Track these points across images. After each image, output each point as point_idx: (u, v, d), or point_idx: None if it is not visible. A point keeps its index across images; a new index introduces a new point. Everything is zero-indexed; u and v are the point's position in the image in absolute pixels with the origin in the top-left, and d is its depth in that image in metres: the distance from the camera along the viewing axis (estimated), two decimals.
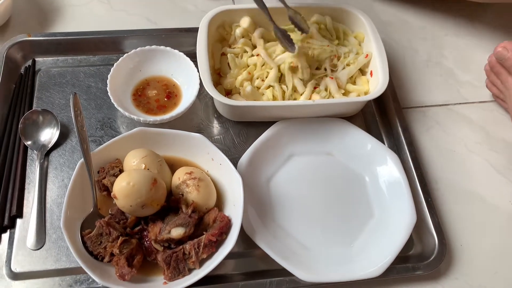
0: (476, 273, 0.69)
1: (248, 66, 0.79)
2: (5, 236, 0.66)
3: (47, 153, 0.72)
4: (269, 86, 0.76)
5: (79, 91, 0.79)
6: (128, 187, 0.58)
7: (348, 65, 0.80)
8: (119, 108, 0.71)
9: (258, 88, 0.77)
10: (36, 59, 0.82)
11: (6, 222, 0.65)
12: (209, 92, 0.70)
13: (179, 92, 0.79)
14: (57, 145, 0.73)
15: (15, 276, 0.63)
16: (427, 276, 0.68)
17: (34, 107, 0.76)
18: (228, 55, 0.77)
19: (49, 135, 0.73)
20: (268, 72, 0.77)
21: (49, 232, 0.66)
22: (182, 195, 0.64)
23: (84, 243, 0.60)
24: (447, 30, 0.97)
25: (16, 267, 0.63)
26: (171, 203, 0.64)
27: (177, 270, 0.60)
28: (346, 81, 0.79)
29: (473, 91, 0.89)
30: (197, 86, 0.75)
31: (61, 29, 0.87)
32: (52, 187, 0.70)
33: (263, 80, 0.77)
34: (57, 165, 0.72)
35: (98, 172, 0.67)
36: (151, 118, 0.73)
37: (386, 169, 0.74)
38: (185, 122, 0.78)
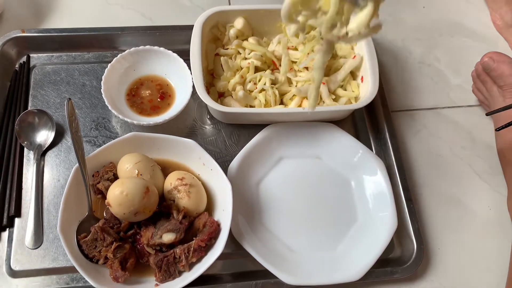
0: (451, 275, 0.74)
1: (241, 68, 0.80)
2: (5, 235, 0.69)
3: (43, 153, 0.74)
4: (262, 90, 0.78)
5: (73, 89, 0.80)
6: (121, 196, 0.61)
7: (337, 68, 0.81)
8: (113, 111, 0.73)
9: (251, 91, 0.78)
10: (31, 55, 0.82)
11: (5, 221, 0.68)
12: (202, 99, 0.72)
13: (172, 93, 0.80)
14: (52, 145, 0.75)
15: (15, 274, 0.66)
16: (404, 279, 0.72)
17: (30, 105, 0.78)
18: (221, 58, 0.78)
19: (44, 136, 0.74)
20: (261, 76, 0.78)
21: (46, 232, 0.69)
22: (174, 201, 0.67)
23: (79, 246, 0.64)
24: (441, 30, 0.97)
25: (15, 265, 0.67)
26: (162, 209, 0.66)
27: (168, 272, 0.64)
28: (337, 86, 0.80)
29: (462, 94, 0.90)
30: (190, 89, 0.76)
31: (55, 23, 0.87)
32: (48, 187, 0.72)
33: (255, 84, 0.78)
34: (53, 165, 0.74)
35: (93, 176, 0.69)
36: (144, 121, 0.74)
37: (372, 175, 0.76)
38: (179, 122, 0.79)
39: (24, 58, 0.82)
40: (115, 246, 0.62)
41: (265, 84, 0.76)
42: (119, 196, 0.61)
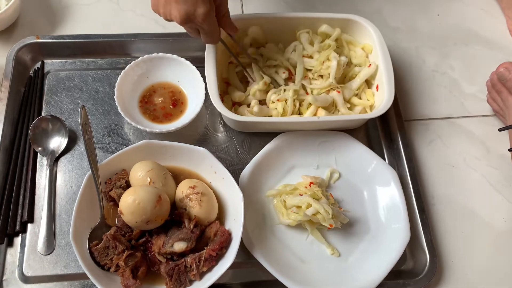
0: None
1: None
2: (17, 240, 0.69)
3: (56, 159, 0.75)
4: (282, 100, 0.77)
5: (86, 95, 0.81)
6: (133, 205, 0.61)
7: (352, 77, 0.81)
8: (126, 118, 0.73)
9: (272, 102, 0.77)
10: (45, 61, 0.83)
11: (18, 227, 0.69)
12: (216, 108, 0.71)
13: (185, 100, 0.80)
14: (65, 151, 0.76)
15: (27, 280, 0.67)
16: None
17: (43, 111, 0.78)
18: (252, 65, 0.78)
19: (58, 142, 0.75)
20: (284, 89, 0.78)
21: (58, 238, 0.70)
22: (185, 209, 0.67)
23: (91, 253, 0.64)
24: (456, 38, 0.96)
25: (28, 271, 0.67)
26: (174, 217, 0.66)
27: (179, 281, 0.64)
28: (352, 94, 0.79)
29: (477, 104, 0.89)
30: (203, 96, 0.76)
31: (69, 29, 0.88)
32: (61, 193, 0.73)
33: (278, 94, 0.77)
34: (65, 171, 0.74)
35: (105, 183, 0.69)
36: (157, 129, 0.74)
37: (385, 186, 0.76)
38: (191, 129, 0.79)
39: (38, 64, 0.82)
40: (127, 255, 0.62)
41: (289, 93, 0.76)
42: (131, 204, 0.61)
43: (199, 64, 0.78)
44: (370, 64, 0.80)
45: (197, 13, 0.62)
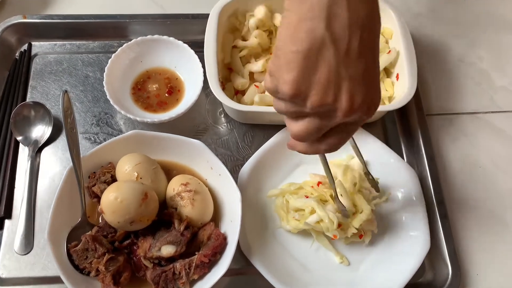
0: None
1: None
2: None
3: (39, 149, 0.68)
4: None
5: (75, 81, 0.74)
6: (115, 203, 0.54)
7: None
8: (115, 105, 0.66)
9: None
10: (33, 43, 0.77)
11: None
12: (216, 96, 0.64)
13: (182, 87, 0.73)
14: (50, 141, 0.69)
15: (1, 282, 0.61)
16: None
17: (28, 97, 0.72)
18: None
19: (41, 131, 0.69)
20: None
21: (37, 236, 0.63)
22: (176, 209, 0.60)
23: (69, 255, 0.57)
24: (485, 25, 0.87)
25: (2, 272, 0.61)
26: (163, 217, 0.59)
27: None
28: None
29: (508, 97, 0.80)
30: (201, 84, 0.69)
31: (61, 9, 0.81)
32: (43, 187, 0.66)
33: None
34: (49, 162, 0.68)
35: (89, 177, 0.62)
36: (148, 118, 0.67)
37: (402, 187, 0.67)
38: (188, 120, 0.72)
39: (25, 46, 0.76)
40: (107, 258, 0.56)
41: None
42: (113, 202, 0.54)
43: (198, 48, 0.71)
44: (390, 51, 0.72)
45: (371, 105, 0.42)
